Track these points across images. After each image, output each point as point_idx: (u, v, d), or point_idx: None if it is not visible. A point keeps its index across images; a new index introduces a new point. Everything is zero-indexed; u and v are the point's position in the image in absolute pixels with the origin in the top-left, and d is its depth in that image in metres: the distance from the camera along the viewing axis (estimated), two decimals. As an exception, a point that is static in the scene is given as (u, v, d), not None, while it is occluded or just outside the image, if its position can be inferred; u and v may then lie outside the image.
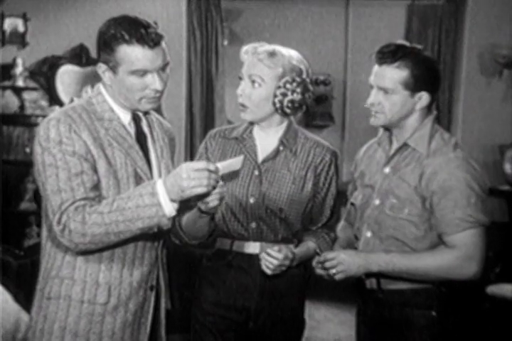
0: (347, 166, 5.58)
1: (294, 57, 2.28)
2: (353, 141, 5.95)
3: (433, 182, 2.11)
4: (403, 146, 2.21)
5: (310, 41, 5.95)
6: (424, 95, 2.16)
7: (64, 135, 1.85)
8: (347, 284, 2.28)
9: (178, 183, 1.75)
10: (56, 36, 5.13)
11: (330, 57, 6.11)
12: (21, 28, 5.15)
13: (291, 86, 2.25)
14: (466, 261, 2.09)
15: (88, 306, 1.92)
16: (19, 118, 5.08)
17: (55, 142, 1.84)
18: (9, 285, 3.43)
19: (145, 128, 2.05)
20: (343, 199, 2.47)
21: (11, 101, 5.07)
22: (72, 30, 5.06)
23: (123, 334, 1.97)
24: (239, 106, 2.30)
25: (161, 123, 2.14)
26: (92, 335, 1.93)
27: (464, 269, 2.10)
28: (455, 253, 2.10)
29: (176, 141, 2.22)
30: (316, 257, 2.21)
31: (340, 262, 2.13)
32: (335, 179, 2.36)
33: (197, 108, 5.50)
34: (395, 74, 2.13)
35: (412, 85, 2.14)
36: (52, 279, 1.94)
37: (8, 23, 5.13)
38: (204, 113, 5.54)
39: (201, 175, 1.75)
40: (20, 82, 5.08)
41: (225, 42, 5.52)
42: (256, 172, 2.30)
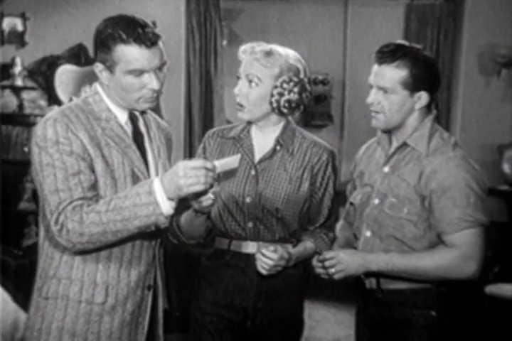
0: (346, 166, 5.58)
1: (291, 56, 2.27)
2: (352, 141, 5.94)
3: (432, 181, 2.11)
4: (402, 145, 2.21)
5: (309, 41, 5.94)
6: (423, 95, 2.16)
7: (61, 135, 1.84)
8: (346, 284, 2.28)
9: (175, 181, 1.75)
10: (55, 36, 5.13)
11: (329, 56, 6.11)
12: (20, 28, 5.15)
13: (288, 85, 2.24)
14: (465, 261, 2.09)
15: (86, 306, 1.92)
16: (18, 117, 5.07)
17: (52, 142, 1.84)
18: (8, 285, 3.43)
19: (142, 127, 2.04)
20: (342, 199, 2.46)
21: (10, 100, 5.06)
22: (70, 29, 5.05)
23: (121, 333, 1.97)
24: (236, 105, 2.30)
25: (158, 122, 2.14)
26: (90, 335, 1.93)
27: (463, 269, 2.10)
28: (454, 252, 2.10)
29: (175, 141, 2.22)
30: (316, 256, 2.21)
31: (339, 261, 2.13)
32: (332, 179, 2.36)
33: (196, 108, 5.49)
34: (394, 73, 2.13)
35: (411, 85, 2.13)
36: (49, 279, 1.94)
37: (6, 23, 5.12)
38: (203, 113, 5.53)
39: (198, 173, 1.74)
40: (19, 82, 5.08)
41: (224, 42, 5.51)
42: (252, 172, 2.30)
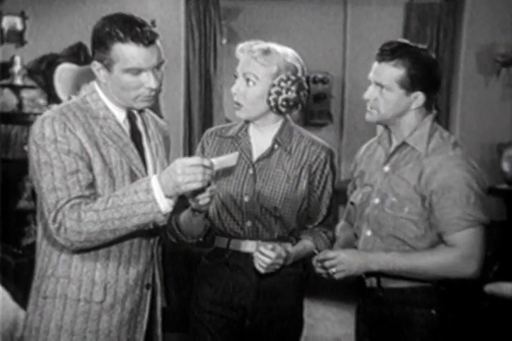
0: (345, 165, 5.59)
1: (289, 55, 2.27)
2: (351, 140, 5.95)
3: (432, 181, 2.11)
4: (402, 145, 2.21)
5: (308, 39, 5.95)
6: (419, 95, 2.16)
7: (59, 133, 1.84)
8: (346, 283, 2.28)
9: (173, 179, 1.75)
10: (54, 34, 5.12)
11: (328, 55, 6.11)
12: (19, 27, 5.14)
13: (285, 84, 2.24)
14: (466, 260, 2.09)
15: (84, 305, 1.92)
16: (17, 116, 5.06)
17: (50, 140, 1.84)
18: (8, 283, 3.43)
19: (140, 126, 2.04)
20: (343, 198, 2.46)
21: (9, 99, 5.05)
22: (70, 28, 5.05)
23: (119, 332, 1.96)
24: (233, 104, 2.30)
25: (156, 121, 2.14)
26: (89, 334, 1.93)
27: (464, 268, 2.09)
28: (455, 252, 2.09)
29: (175, 140, 2.22)
30: (316, 256, 2.21)
31: (340, 261, 2.13)
32: (331, 177, 2.35)
33: (195, 107, 5.49)
34: (392, 72, 2.13)
35: (408, 84, 2.13)
36: (48, 278, 1.94)
37: (6, 22, 5.11)
38: (202, 112, 5.53)
39: (196, 171, 1.74)
40: (18, 81, 5.06)
41: (224, 40, 5.51)
42: (250, 170, 2.30)
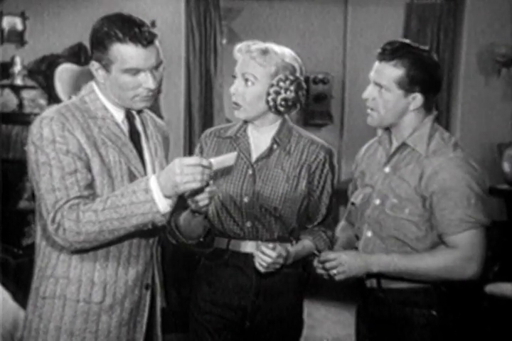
0: (346, 165, 5.58)
1: (287, 54, 2.27)
2: (352, 140, 5.94)
3: (433, 182, 2.11)
4: (402, 146, 2.21)
5: (309, 40, 5.95)
6: (418, 96, 2.15)
7: (57, 133, 1.84)
8: (346, 283, 2.27)
9: (172, 179, 1.75)
10: (55, 35, 5.12)
11: (329, 55, 6.11)
12: (20, 27, 5.13)
13: (284, 84, 2.24)
14: (467, 262, 2.09)
15: (83, 305, 1.92)
16: (18, 116, 5.06)
17: (49, 141, 1.83)
18: (8, 284, 3.44)
19: (138, 126, 2.04)
20: (343, 198, 2.46)
21: (10, 99, 5.05)
22: (70, 28, 5.05)
23: (119, 333, 1.96)
24: (232, 104, 2.30)
25: (155, 121, 2.14)
26: (88, 334, 1.93)
27: (465, 269, 2.09)
28: (455, 253, 2.09)
29: (175, 140, 2.21)
30: (317, 257, 2.20)
31: (340, 263, 2.13)
32: (330, 177, 2.35)
33: (196, 107, 5.48)
34: (391, 72, 2.13)
35: (407, 85, 2.13)
36: (47, 278, 1.94)
37: (6, 22, 5.11)
38: (203, 112, 5.52)
39: (194, 171, 1.74)
40: (18, 81, 5.06)
41: (224, 41, 5.51)
42: (250, 171, 2.30)
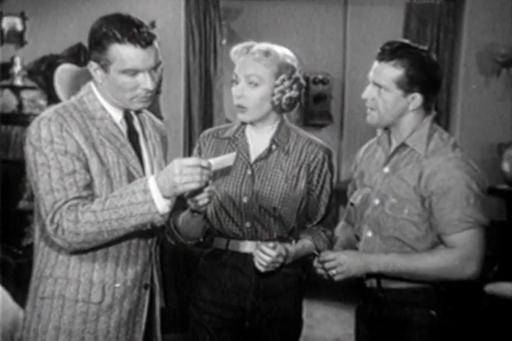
0: (345, 165, 5.59)
1: (287, 54, 2.28)
2: (352, 140, 5.95)
3: (432, 182, 2.11)
4: (401, 146, 2.21)
5: (308, 40, 5.96)
6: (417, 96, 2.15)
7: (55, 134, 1.84)
8: (346, 283, 2.27)
9: (171, 179, 1.75)
10: (54, 35, 5.13)
11: (328, 56, 6.11)
12: (19, 27, 5.14)
13: (288, 83, 2.25)
14: (466, 262, 2.09)
15: (82, 305, 1.92)
16: (17, 117, 5.07)
17: (47, 141, 1.83)
18: (8, 284, 3.44)
19: (137, 126, 2.04)
20: (343, 198, 2.46)
21: (9, 100, 5.06)
22: (70, 29, 5.05)
23: (118, 333, 1.96)
24: (236, 108, 2.29)
25: (153, 121, 2.14)
26: (87, 335, 1.93)
27: (464, 269, 2.09)
28: (455, 253, 2.09)
29: (175, 141, 2.21)
30: (317, 257, 2.20)
31: (340, 263, 2.13)
32: (329, 176, 2.35)
33: (195, 107, 5.48)
34: (391, 72, 2.13)
35: (406, 85, 2.13)
36: (45, 279, 1.94)
37: (6, 22, 5.12)
38: (203, 112, 5.52)
39: (193, 171, 1.74)
40: (18, 81, 5.07)
41: (224, 41, 5.51)
42: (249, 171, 2.30)
